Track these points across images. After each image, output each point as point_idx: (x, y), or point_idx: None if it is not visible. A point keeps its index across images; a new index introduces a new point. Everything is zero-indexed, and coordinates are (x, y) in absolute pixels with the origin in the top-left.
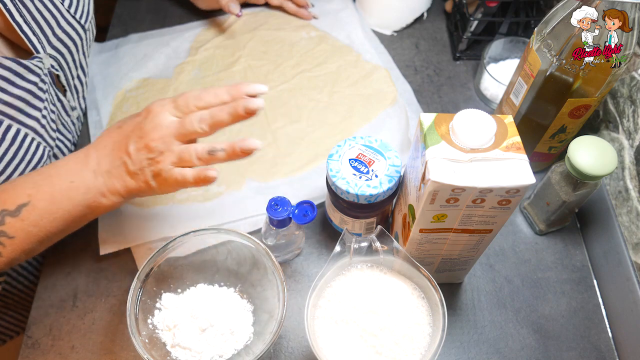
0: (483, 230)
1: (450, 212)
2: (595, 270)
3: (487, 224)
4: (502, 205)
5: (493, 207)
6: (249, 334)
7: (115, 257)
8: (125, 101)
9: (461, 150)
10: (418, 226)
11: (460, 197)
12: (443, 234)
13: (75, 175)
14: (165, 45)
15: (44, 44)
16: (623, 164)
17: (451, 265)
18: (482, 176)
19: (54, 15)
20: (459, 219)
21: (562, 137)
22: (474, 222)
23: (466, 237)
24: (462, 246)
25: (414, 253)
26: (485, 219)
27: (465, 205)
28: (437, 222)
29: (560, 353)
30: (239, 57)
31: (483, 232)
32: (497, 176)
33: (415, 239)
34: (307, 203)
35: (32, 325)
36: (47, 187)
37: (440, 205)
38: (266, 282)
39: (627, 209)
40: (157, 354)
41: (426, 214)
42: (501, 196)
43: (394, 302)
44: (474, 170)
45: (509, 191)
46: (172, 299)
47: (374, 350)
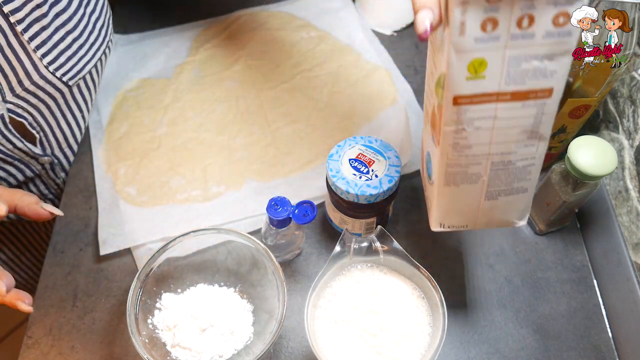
0: (540, 92)
1: (490, 55)
2: (595, 270)
3: (545, 77)
4: (560, 26)
5: (548, 34)
6: (249, 334)
7: (115, 257)
8: (125, 101)
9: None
10: (451, 92)
11: (499, 17)
12: (487, 107)
13: None
14: (165, 45)
15: (4, 90)
16: (623, 164)
17: (507, 180)
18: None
19: (24, 65)
20: (505, 68)
21: (562, 137)
22: (526, 75)
23: (519, 111)
24: (516, 133)
25: (453, 160)
26: (539, 64)
27: (510, 35)
28: (475, 77)
29: (560, 353)
30: (239, 57)
31: (540, 94)
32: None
33: (449, 130)
34: (307, 203)
35: (32, 325)
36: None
37: (475, 39)
38: (266, 282)
39: (627, 209)
40: (157, 354)
41: (459, 59)
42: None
43: (394, 302)
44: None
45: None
46: (172, 299)
47: (374, 350)
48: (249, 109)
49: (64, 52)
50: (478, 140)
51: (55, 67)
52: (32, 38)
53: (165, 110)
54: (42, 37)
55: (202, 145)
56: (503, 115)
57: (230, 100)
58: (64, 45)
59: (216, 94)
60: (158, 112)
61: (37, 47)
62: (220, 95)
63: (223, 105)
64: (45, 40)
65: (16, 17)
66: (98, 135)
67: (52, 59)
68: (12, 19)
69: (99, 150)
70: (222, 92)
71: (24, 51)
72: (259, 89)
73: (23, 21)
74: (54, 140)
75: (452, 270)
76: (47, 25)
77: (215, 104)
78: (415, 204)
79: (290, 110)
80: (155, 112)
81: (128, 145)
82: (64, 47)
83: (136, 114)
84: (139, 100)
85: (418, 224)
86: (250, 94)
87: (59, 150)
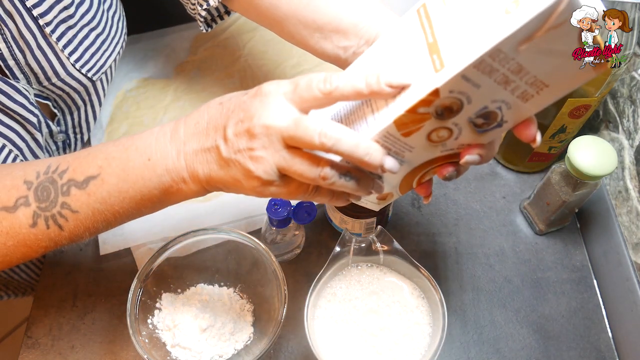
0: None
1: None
2: (595, 270)
3: None
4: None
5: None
6: (249, 334)
7: (115, 257)
8: (125, 101)
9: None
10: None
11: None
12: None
13: (154, 152)
14: (165, 45)
15: (32, 85)
16: (623, 164)
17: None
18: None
19: (52, 64)
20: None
21: (562, 137)
22: None
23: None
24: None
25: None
26: None
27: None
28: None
29: (560, 353)
30: (239, 57)
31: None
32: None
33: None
34: (307, 203)
35: (32, 325)
36: (120, 161)
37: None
38: (266, 282)
39: (627, 209)
40: (157, 354)
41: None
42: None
43: (394, 302)
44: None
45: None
46: (172, 299)
47: (374, 350)
48: None
49: (88, 49)
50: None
51: (81, 64)
52: (59, 38)
53: (165, 110)
54: (68, 36)
55: None
56: (409, 48)
57: None
58: (88, 42)
59: (216, 94)
60: (158, 112)
61: (64, 47)
62: (220, 95)
63: None
64: (71, 39)
65: (45, 20)
66: (98, 135)
67: (78, 56)
68: (41, 22)
69: None
70: (222, 92)
71: (52, 51)
72: None
73: (51, 23)
74: (70, 121)
75: (452, 270)
76: (73, 24)
77: None
78: (416, 204)
79: None
80: (155, 112)
81: None
82: (89, 44)
83: (136, 114)
84: (139, 100)
85: (418, 224)
86: None
87: (72, 133)
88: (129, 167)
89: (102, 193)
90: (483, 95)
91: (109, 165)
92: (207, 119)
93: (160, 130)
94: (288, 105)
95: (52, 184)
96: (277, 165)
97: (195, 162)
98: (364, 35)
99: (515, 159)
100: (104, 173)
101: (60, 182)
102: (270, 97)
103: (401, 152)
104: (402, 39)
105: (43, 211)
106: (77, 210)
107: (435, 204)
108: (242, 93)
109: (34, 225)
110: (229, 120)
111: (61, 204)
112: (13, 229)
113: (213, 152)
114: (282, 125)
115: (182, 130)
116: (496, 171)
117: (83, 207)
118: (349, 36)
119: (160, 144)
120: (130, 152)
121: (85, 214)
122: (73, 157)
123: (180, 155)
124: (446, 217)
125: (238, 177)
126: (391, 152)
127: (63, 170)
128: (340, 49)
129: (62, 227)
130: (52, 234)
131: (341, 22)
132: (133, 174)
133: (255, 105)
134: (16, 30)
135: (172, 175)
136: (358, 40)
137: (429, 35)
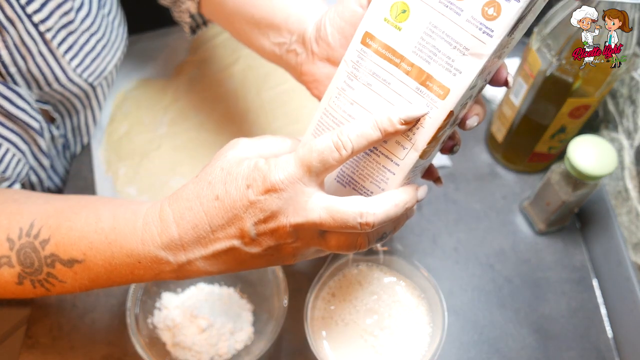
0: (437, 86)
1: (415, 7)
2: (595, 270)
3: (448, 71)
4: (487, 19)
5: (473, 19)
6: (249, 334)
7: None
8: (125, 101)
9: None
10: (364, 26)
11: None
12: (387, 67)
13: (143, 257)
14: (165, 46)
15: (33, 90)
16: (623, 164)
17: (362, 171)
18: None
19: (53, 70)
20: (421, 32)
21: (562, 137)
22: (434, 55)
23: (409, 94)
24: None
25: (331, 109)
26: (450, 51)
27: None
28: (391, 23)
29: (560, 353)
30: (239, 57)
31: (436, 90)
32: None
33: (344, 69)
34: None
35: (32, 325)
36: (105, 256)
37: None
38: (266, 282)
39: (627, 209)
40: (157, 354)
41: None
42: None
43: (394, 302)
44: None
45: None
46: (172, 299)
47: (374, 350)
48: (249, 109)
49: (89, 54)
50: (362, 100)
51: (81, 70)
52: (60, 44)
53: (165, 110)
54: (68, 42)
55: (202, 145)
56: (396, 88)
57: (230, 100)
58: (89, 48)
59: (216, 94)
60: (158, 112)
61: (65, 52)
62: (220, 95)
63: (223, 105)
64: (72, 45)
65: (46, 26)
66: (98, 135)
67: (79, 62)
68: (42, 28)
69: (99, 151)
70: (222, 92)
71: (53, 57)
72: (259, 89)
73: (52, 29)
74: (69, 125)
75: (452, 270)
76: (74, 30)
77: (215, 104)
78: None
79: (291, 110)
80: (155, 112)
81: (128, 145)
82: (89, 50)
83: (136, 114)
84: (139, 100)
85: (418, 224)
86: (250, 94)
87: (72, 136)
88: (116, 264)
89: (89, 275)
90: (476, 82)
91: (94, 257)
92: (208, 222)
93: (143, 228)
94: (310, 192)
95: (34, 252)
96: (314, 248)
97: (207, 265)
98: (295, 30)
99: (515, 159)
100: (89, 261)
101: (42, 253)
102: (289, 192)
103: (418, 166)
104: (366, 73)
105: (29, 275)
106: (64, 281)
107: (435, 204)
108: (241, 186)
109: (20, 284)
110: (244, 222)
111: (47, 273)
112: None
113: (230, 253)
114: (317, 221)
115: (175, 233)
116: (496, 171)
117: (70, 280)
118: (282, 32)
119: (148, 247)
120: (114, 248)
121: (72, 285)
122: (55, 225)
123: (178, 253)
124: (446, 217)
125: (270, 264)
126: (413, 172)
127: (45, 240)
128: (275, 45)
129: (49, 290)
130: (39, 292)
131: (275, 16)
132: (122, 269)
133: (276, 203)
134: (17, 37)
135: (177, 274)
136: (290, 37)
137: (403, 64)
